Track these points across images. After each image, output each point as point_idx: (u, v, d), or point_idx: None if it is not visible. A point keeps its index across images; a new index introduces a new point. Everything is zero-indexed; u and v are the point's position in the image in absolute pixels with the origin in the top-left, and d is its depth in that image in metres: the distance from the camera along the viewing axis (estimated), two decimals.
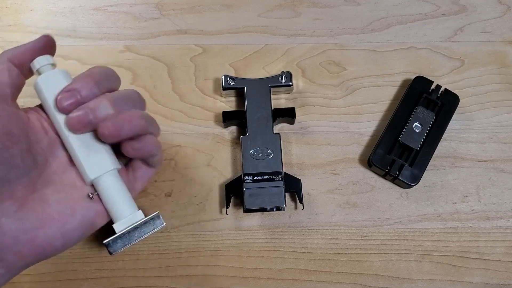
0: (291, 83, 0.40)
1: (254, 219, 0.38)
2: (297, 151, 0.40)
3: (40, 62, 0.31)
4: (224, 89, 0.40)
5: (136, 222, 0.31)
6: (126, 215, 0.31)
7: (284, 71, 0.40)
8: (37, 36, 0.46)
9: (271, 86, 0.40)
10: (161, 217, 0.32)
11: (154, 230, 0.32)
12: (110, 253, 0.31)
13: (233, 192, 0.37)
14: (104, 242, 0.31)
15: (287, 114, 0.39)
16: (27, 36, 0.43)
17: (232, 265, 0.37)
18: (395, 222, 0.38)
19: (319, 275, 0.36)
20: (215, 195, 0.38)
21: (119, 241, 0.31)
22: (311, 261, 0.37)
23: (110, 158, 0.31)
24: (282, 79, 0.40)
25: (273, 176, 0.36)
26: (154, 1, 0.45)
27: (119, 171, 0.32)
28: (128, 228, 0.31)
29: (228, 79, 0.40)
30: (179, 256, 0.37)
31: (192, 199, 0.38)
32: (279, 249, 0.37)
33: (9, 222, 0.25)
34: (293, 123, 0.40)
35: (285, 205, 0.36)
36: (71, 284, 0.36)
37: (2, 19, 0.44)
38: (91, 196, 0.30)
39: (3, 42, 0.43)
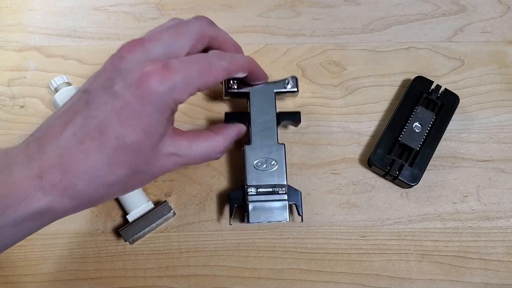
0: (296, 89, 0.38)
1: None
2: (297, 151, 0.40)
3: (56, 81, 0.38)
4: (226, 94, 0.38)
5: (145, 212, 0.36)
6: (137, 206, 0.36)
7: (290, 76, 0.38)
8: (36, 36, 0.46)
9: (276, 93, 0.37)
10: (169, 204, 0.36)
11: (164, 218, 0.36)
12: (125, 241, 0.35)
13: (237, 202, 0.36)
14: (118, 231, 0.35)
15: (292, 119, 0.38)
16: (27, 36, 0.43)
17: (232, 265, 0.37)
18: (395, 222, 0.38)
19: (319, 275, 0.36)
20: (215, 195, 0.38)
21: (131, 229, 0.35)
22: (311, 261, 0.37)
23: None
24: (288, 84, 0.38)
25: (277, 189, 0.35)
26: (154, 1, 0.45)
27: None
28: (138, 217, 0.35)
29: (231, 82, 0.37)
30: (179, 256, 0.37)
31: (192, 199, 0.38)
32: (279, 249, 0.37)
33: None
34: (297, 126, 0.40)
35: (288, 219, 0.35)
36: (71, 284, 0.36)
37: (2, 19, 0.44)
38: None
39: (3, 42, 0.43)
